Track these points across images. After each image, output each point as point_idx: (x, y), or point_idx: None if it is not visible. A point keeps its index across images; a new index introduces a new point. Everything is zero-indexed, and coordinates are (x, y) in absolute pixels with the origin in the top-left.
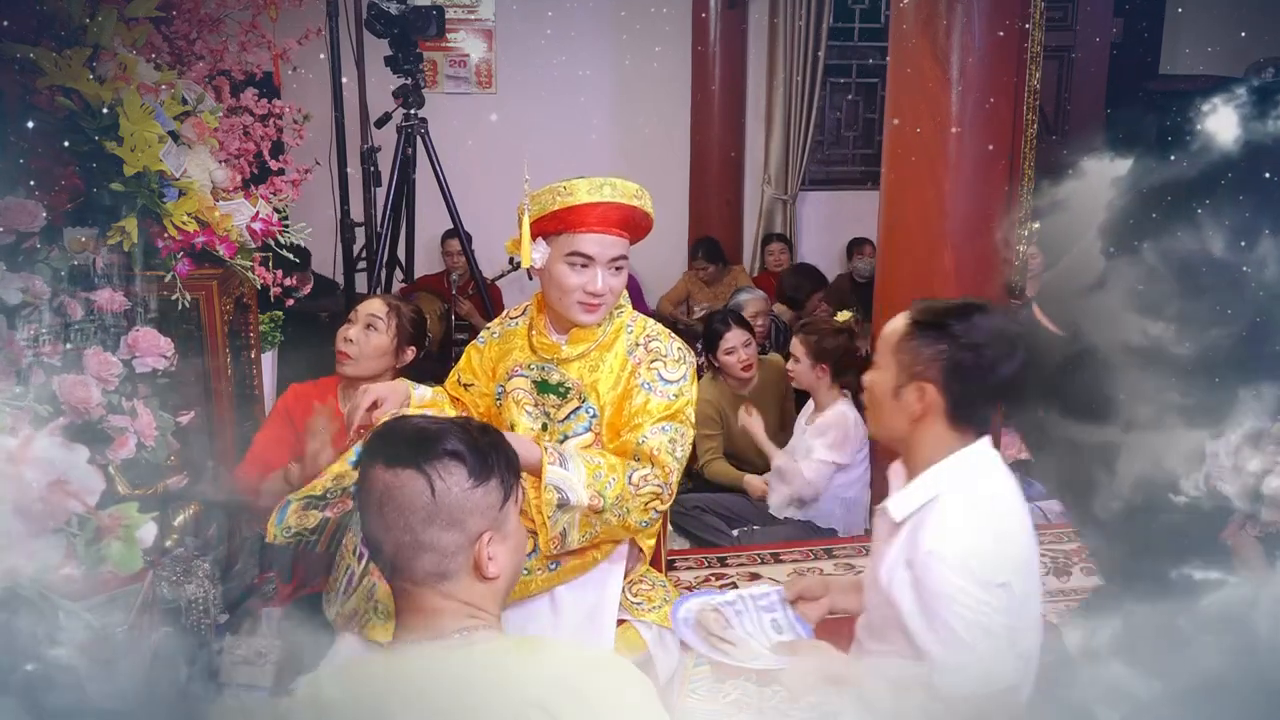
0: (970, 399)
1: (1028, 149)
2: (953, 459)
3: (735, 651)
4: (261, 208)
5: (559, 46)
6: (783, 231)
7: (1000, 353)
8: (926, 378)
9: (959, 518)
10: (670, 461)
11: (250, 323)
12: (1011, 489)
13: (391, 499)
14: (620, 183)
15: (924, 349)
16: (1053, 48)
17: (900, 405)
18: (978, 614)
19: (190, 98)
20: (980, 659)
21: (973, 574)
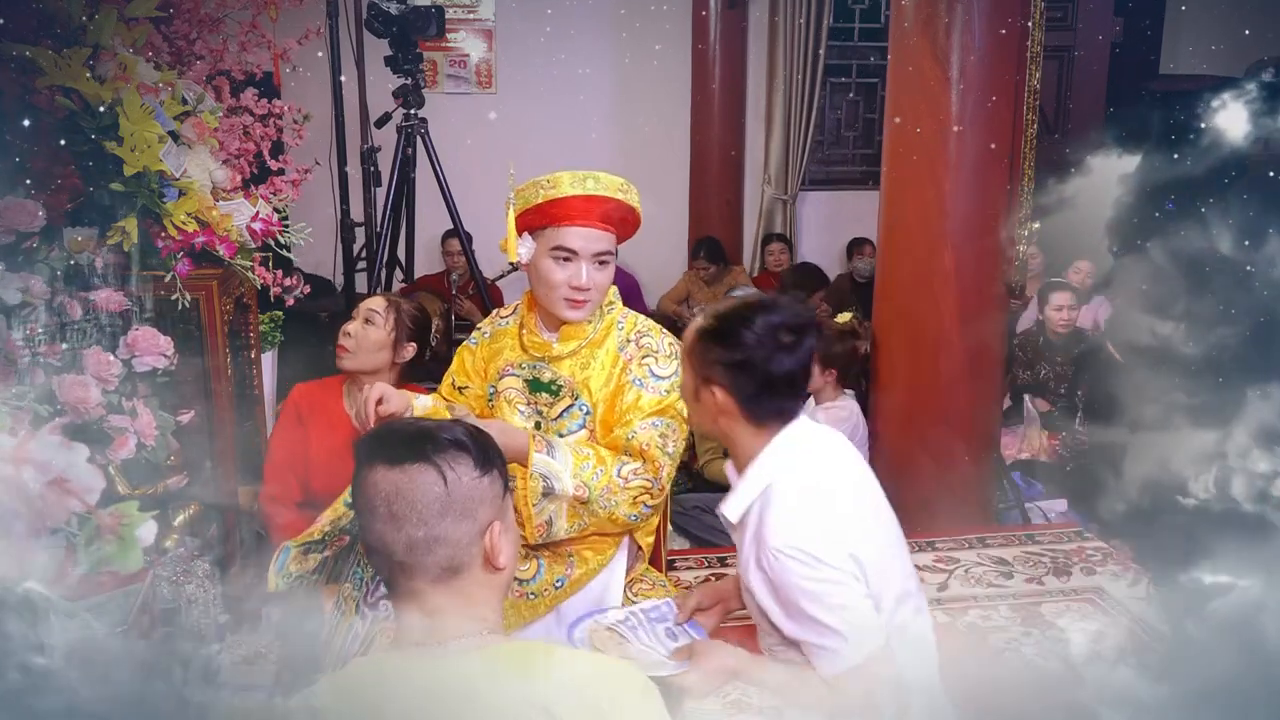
0: (757, 396)
1: (1028, 149)
2: (769, 450)
3: (635, 665)
4: (261, 208)
5: (559, 46)
6: (783, 231)
7: (777, 349)
8: (714, 381)
9: (791, 507)
10: (660, 456)
11: (250, 323)
12: (837, 458)
13: (402, 495)
14: (605, 176)
15: (708, 354)
16: (1053, 47)
17: (702, 406)
18: (832, 595)
19: (190, 98)
20: (847, 635)
21: (811, 556)
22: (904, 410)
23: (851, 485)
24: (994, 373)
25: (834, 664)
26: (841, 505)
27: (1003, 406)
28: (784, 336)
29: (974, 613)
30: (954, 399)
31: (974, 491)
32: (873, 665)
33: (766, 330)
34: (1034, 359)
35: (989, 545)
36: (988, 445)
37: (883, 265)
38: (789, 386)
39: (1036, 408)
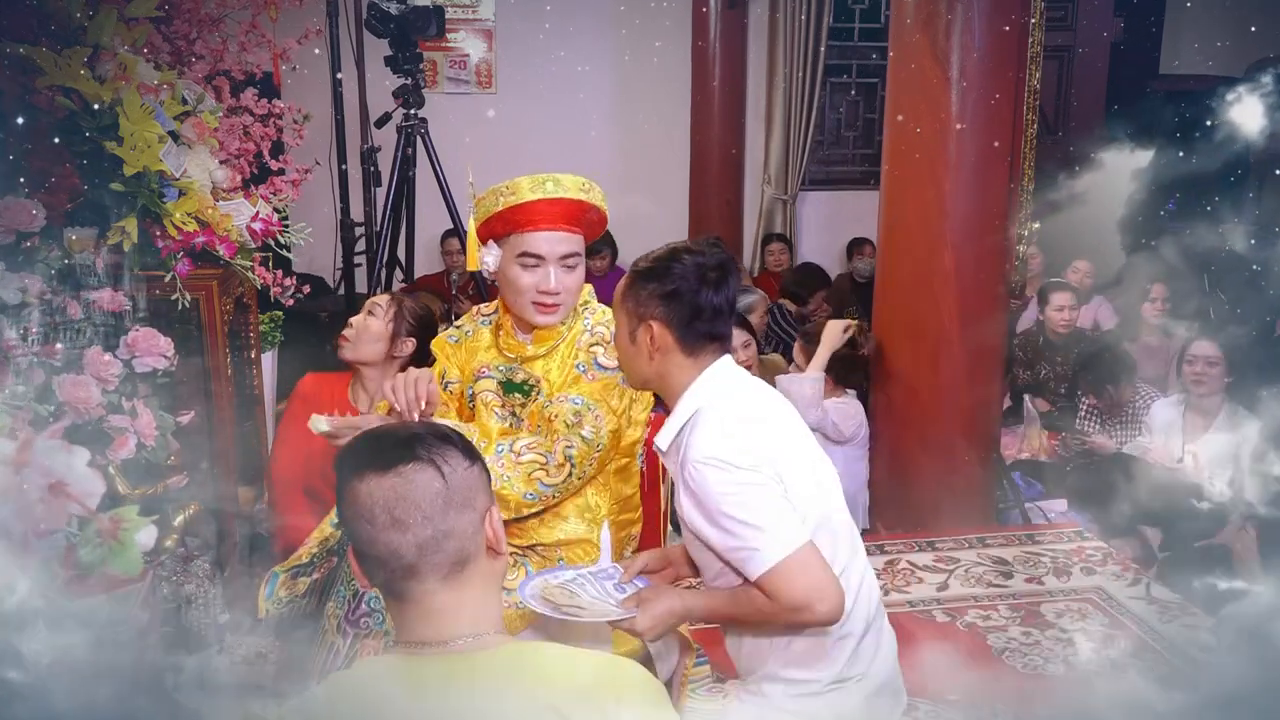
0: (690, 322)
1: (1028, 149)
2: (699, 380)
3: (585, 613)
4: (261, 208)
5: (558, 45)
6: (783, 231)
7: (703, 283)
8: (650, 316)
9: (713, 424)
10: (565, 431)
11: (250, 323)
12: (761, 389)
13: (403, 499)
14: (565, 177)
15: (641, 292)
16: (1053, 47)
17: (638, 349)
18: (746, 494)
19: (190, 98)
20: (766, 528)
21: (728, 464)
22: (904, 410)
23: (770, 408)
24: (994, 373)
25: (758, 563)
26: (767, 429)
27: (1003, 406)
28: (710, 274)
29: (974, 613)
30: (954, 399)
31: (974, 491)
32: (799, 559)
33: (694, 266)
34: (1034, 359)
35: (989, 545)
36: (988, 445)
37: (883, 265)
38: (717, 315)
39: (1036, 408)
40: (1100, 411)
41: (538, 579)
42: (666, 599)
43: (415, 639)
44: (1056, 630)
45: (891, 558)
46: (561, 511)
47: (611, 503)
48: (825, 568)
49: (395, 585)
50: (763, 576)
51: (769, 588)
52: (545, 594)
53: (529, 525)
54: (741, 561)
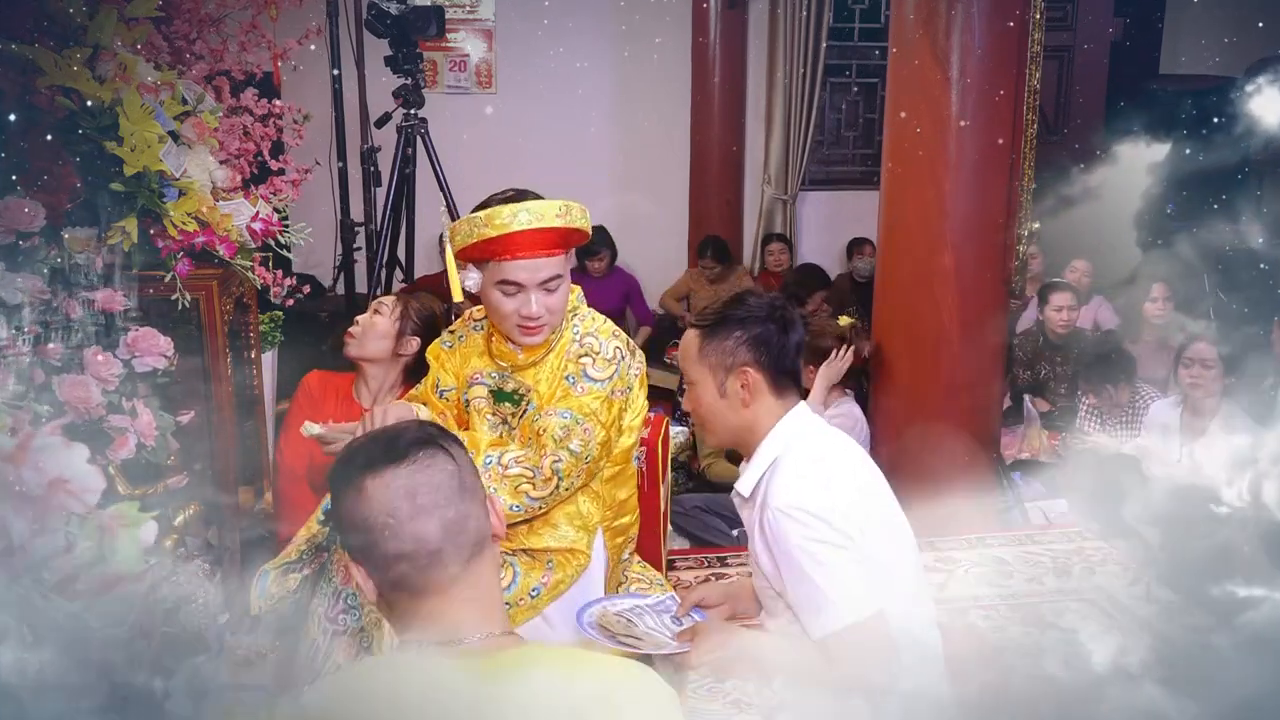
0: (782, 361)
1: (1028, 149)
2: (780, 425)
3: (641, 644)
4: (261, 208)
5: (558, 45)
6: (783, 231)
7: (782, 319)
8: (741, 364)
9: (795, 473)
10: (553, 446)
11: (250, 323)
12: (836, 435)
13: (423, 485)
14: (537, 205)
15: (726, 342)
16: (1053, 47)
17: (730, 401)
18: (823, 554)
19: (190, 98)
20: (835, 596)
21: (811, 515)
22: (904, 410)
23: (850, 460)
24: (994, 373)
25: (823, 625)
26: (843, 477)
27: (1003, 406)
28: (782, 313)
29: (974, 613)
30: (954, 399)
31: (974, 491)
32: (863, 630)
33: (764, 306)
34: (1034, 359)
35: (989, 545)
36: (988, 445)
37: (883, 265)
38: (798, 353)
39: (1036, 408)
40: (1100, 411)
41: (597, 605)
42: (722, 636)
43: (430, 637)
44: (1056, 630)
45: None
46: (551, 519)
47: (604, 509)
48: (886, 644)
49: (416, 577)
50: (825, 638)
51: (828, 651)
52: (602, 621)
53: (518, 531)
54: (805, 619)
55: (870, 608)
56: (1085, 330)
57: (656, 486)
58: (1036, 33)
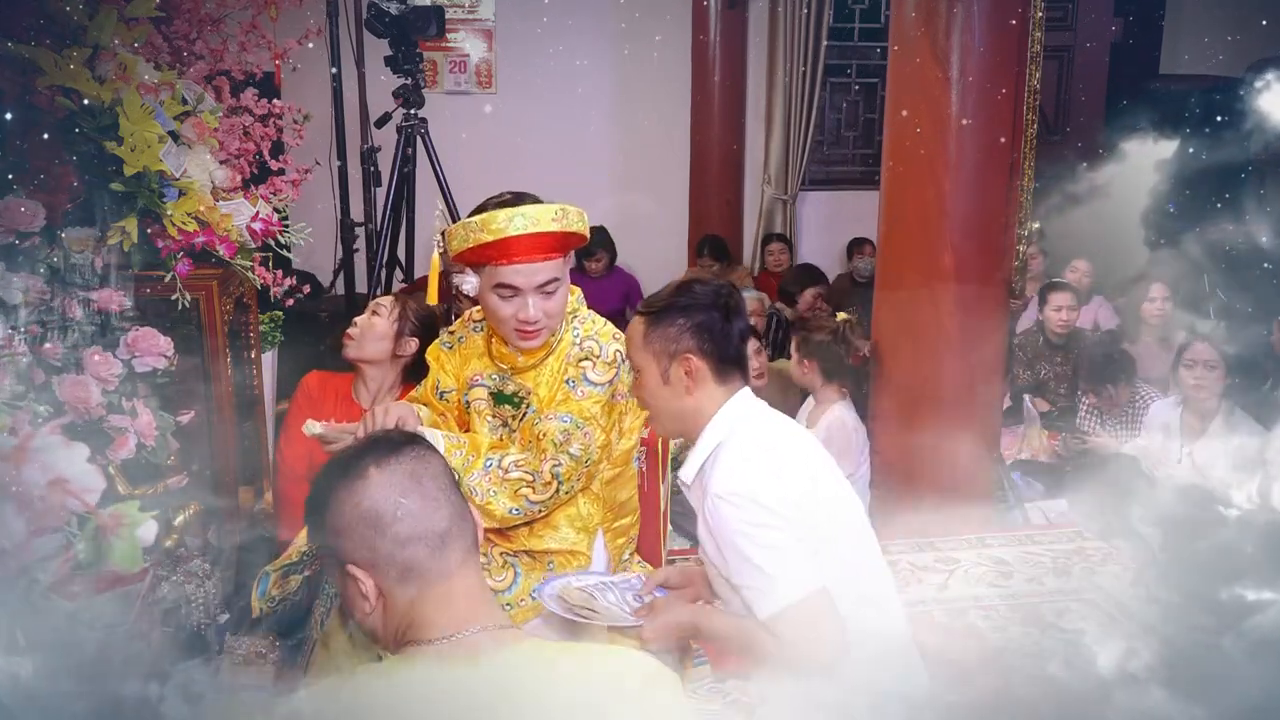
0: (725, 348)
1: (1028, 149)
2: (723, 412)
3: (598, 617)
4: (261, 208)
5: (558, 45)
6: (783, 231)
7: (726, 308)
8: (684, 351)
9: (734, 459)
10: (552, 450)
11: (250, 323)
12: (779, 420)
13: (426, 471)
14: (533, 209)
15: (670, 329)
16: (1053, 47)
17: (673, 389)
18: (763, 536)
19: (190, 98)
20: (777, 575)
21: (748, 500)
22: (904, 410)
23: (795, 443)
24: (994, 373)
25: (767, 605)
26: (795, 466)
27: (1003, 406)
28: (728, 300)
29: (974, 613)
30: (954, 399)
31: (974, 492)
32: (806, 607)
33: (710, 293)
34: (1034, 359)
35: (989, 545)
36: (988, 445)
37: (883, 265)
38: (742, 340)
39: (1036, 408)
40: (1100, 411)
41: (560, 580)
42: (676, 612)
43: (434, 633)
44: (1056, 630)
45: (892, 558)
46: (552, 520)
47: (605, 510)
48: (832, 620)
49: (425, 561)
50: (770, 618)
51: (775, 629)
52: (563, 593)
53: (519, 533)
54: (750, 600)
55: (812, 585)
56: (1085, 330)
57: (656, 486)
58: (1036, 32)
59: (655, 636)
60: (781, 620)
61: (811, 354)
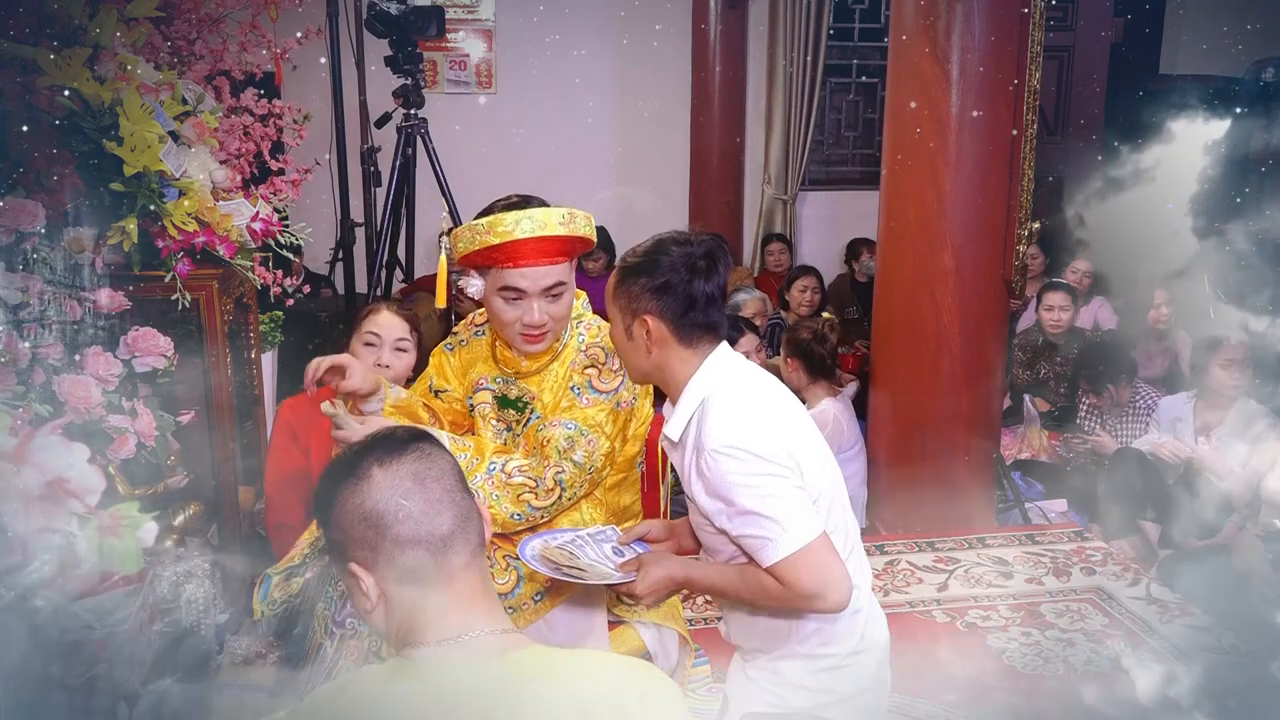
0: (684, 313)
1: (1028, 149)
2: (702, 369)
3: (586, 575)
4: (261, 208)
5: (558, 45)
6: (783, 231)
7: (693, 272)
8: (644, 311)
9: (726, 410)
10: (555, 457)
11: (250, 323)
12: (763, 374)
13: (430, 472)
14: (541, 213)
15: (633, 288)
16: (1053, 47)
17: (635, 344)
18: (765, 485)
19: (190, 98)
20: (782, 521)
21: (747, 452)
22: (904, 410)
23: (779, 395)
24: (994, 373)
25: (772, 552)
26: (776, 409)
27: (1003, 406)
28: (699, 263)
29: (974, 613)
30: (954, 399)
31: (974, 491)
32: (813, 551)
33: (683, 257)
34: (1034, 359)
35: (989, 545)
36: (988, 445)
37: (883, 265)
38: (710, 304)
39: (1036, 408)
40: (1100, 410)
41: (537, 540)
42: (667, 565)
43: (436, 635)
44: (1056, 630)
45: (891, 558)
46: (555, 525)
47: (608, 515)
48: (837, 559)
49: (428, 564)
50: (776, 565)
51: (783, 576)
52: (545, 554)
53: (522, 538)
54: (755, 549)
55: (817, 529)
56: (1084, 330)
57: (657, 486)
58: (1036, 32)
59: (648, 591)
60: (788, 565)
61: (795, 353)
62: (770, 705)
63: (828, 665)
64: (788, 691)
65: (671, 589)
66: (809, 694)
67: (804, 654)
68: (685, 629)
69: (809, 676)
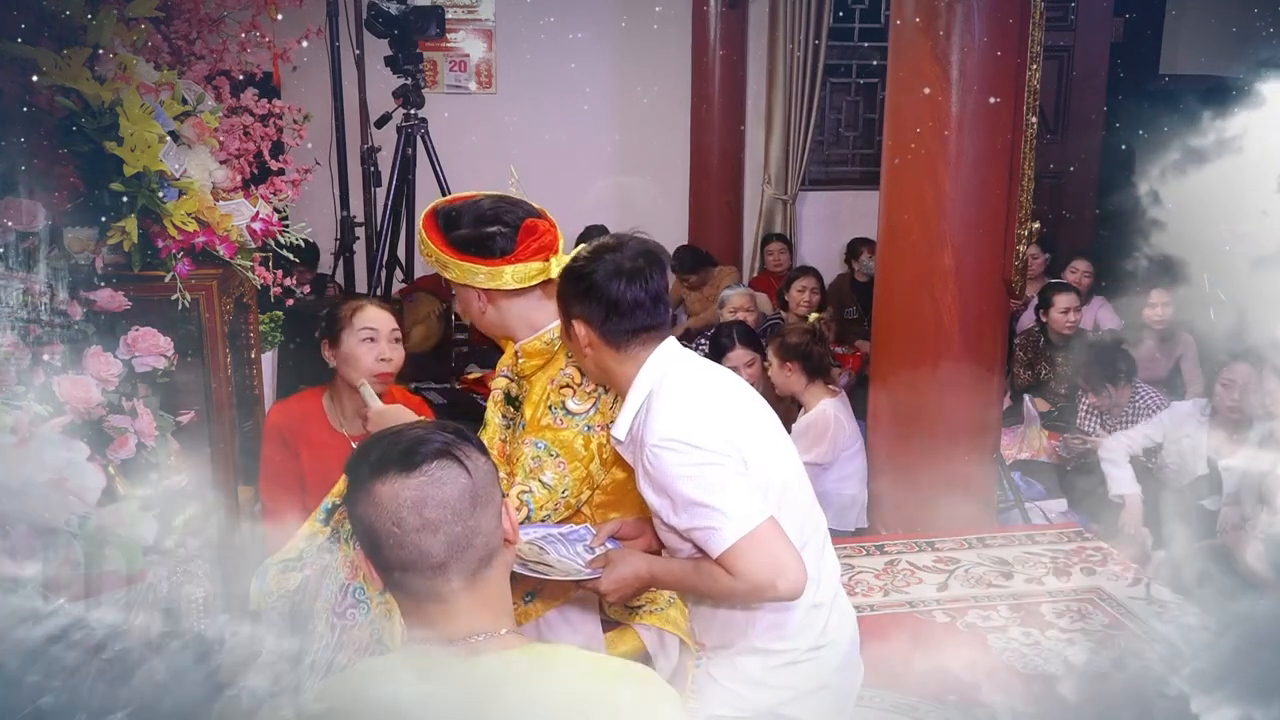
0: (606, 319)
1: (1027, 149)
2: (645, 367)
3: (553, 571)
4: (261, 208)
5: (558, 45)
6: (783, 231)
7: (617, 277)
8: (574, 315)
9: (666, 405)
10: (521, 476)
11: (250, 323)
12: (710, 366)
13: (431, 498)
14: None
15: (565, 291)
16: (1053, 47)
17: (574, 343)
18: (706, 475)
19: (190, 98)
20: (726, 510)
21: (684, 443)
22: (904, 410)
23: (721, 383)
24: (994, 373)
25: (718, 542)
26: (720, 400)
27: (1003, 406)
28: (625, 268)
29: (974, 613)
30: (954, 398)
31: (974, 491)
32: (759, 537)
33: (610, 265)
34: (1034, 359)
35: (989, 545)
36: (988, 445)
37: (883, 265)
38: (636, 309)
39: (1036, 408)
40: (1100, 411)
41: None
42: (633, 562)
43: (435, 636)
44: (1056, 630)
45: (891, 558)
46: None
47: None
48: (786, 544)
49: (418, 585)
50: (724, 555)
51: (731, 565)
52: (516, 549)
53: None
54: (702, 541)
55: (761, 515)
56: (1085, 330)
57: None
58: (1036, 33)
59: (613, 588)
60: (736, 553)
61: (793, 356)
62: (730, 703)
63: (786, 660)
64: (747, 688)
65: (638, 586)
66: (769, 690)
67: (761, 649)
68: (684, 631)
69: (768, 673)
